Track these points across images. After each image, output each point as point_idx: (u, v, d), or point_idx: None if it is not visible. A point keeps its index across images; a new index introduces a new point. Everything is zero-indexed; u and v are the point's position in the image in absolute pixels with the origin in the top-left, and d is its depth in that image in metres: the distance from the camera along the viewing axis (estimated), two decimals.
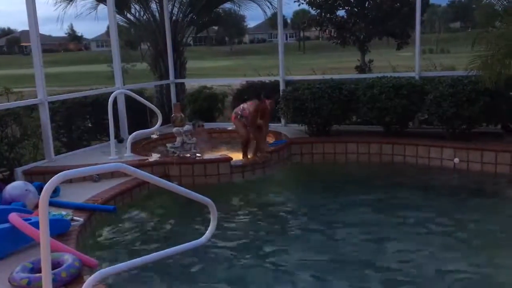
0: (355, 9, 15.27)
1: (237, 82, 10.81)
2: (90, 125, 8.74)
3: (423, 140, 7.10)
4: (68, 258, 3.51)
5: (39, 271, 3.00)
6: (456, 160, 6.58)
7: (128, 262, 3.33)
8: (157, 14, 10.57)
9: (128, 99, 7.99)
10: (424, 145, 6.91)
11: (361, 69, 14.64)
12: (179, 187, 3.63)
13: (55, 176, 2.67)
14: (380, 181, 6.54)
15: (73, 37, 79.69)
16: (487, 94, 6.45)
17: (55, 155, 6.92)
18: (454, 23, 71.72)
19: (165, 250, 3.52)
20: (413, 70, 7.97)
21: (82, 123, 8.59)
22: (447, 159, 6.67)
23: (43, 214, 2.65)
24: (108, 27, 8.18)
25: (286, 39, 68.51)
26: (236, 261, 4.45)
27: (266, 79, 10.03)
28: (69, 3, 10.64)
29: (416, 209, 5.51)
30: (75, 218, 4.58)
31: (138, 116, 8.65)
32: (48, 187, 2.65)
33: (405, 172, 6.79)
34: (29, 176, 6.13)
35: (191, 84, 11.60)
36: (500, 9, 7.45)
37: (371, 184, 6.44)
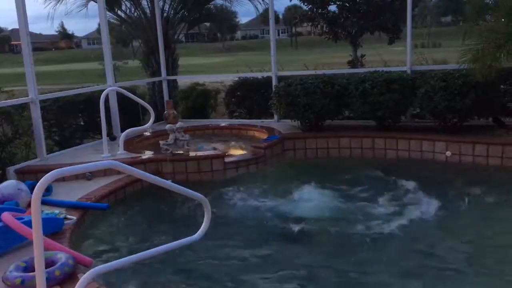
0: (347, 4, 15.25)
1: (229, 78, 10.81)
2: (82, 123, 8.72)
3: (416, 134, 7.14)
4: (61, 256, 3.50)
5: (33, 270, 2.99)
6: (448, 153, 6.62)
7: (122, 259, 3.33)
8: (148, 11, 10.54)
9: (120, 96, 7.96)
10: (417, 138, 6.94)
11: (353, 64, 14.65)
12: (172, 184, 3.63)
13: (47, 174, 2.66)
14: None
15: (64, 35, 79.10)
16: (478, 87, 6.49)
17: (47, 153, 6.90)
18: (445, 17, 71.91)
19: (159, 247, 3.52)
20: (405, 64, 8.01)
21: (74, 121, 8.56)
22: (439, 153, 6.71)
23: (36, 213, 2.64)
24: (99, 25, 8.13)
25: (278, 35, 68.41)
26: (229, 257, 4.46)
27: (259, 75, 10.04)
28: (59, 1, 10.59)
29: None
30: (68, 216, 4.57)
31: (131, 113, 8.63)
32: (41, 185, 2.63)
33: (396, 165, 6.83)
34: (21, 175, 6.10)
35: (184, 80, 11.58)
36: (490, 2, 7.49)
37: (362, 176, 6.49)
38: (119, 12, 10.93)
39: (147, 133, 8.04)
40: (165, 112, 7.53)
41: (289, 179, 6.60)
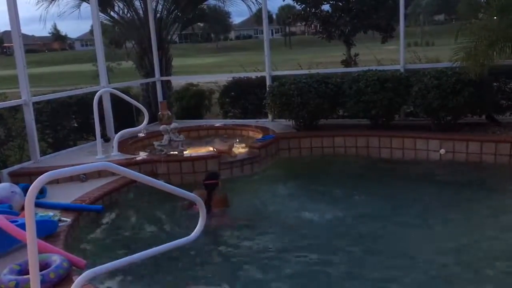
0: (340, 3, 15.28)
1: (223, 78, 10.80)
2: (76, 125, 8.67)
3: (409, 132, 7.15)
4: (56, 259, 3.49)
5: (27, 273, 2.97)
6: (442, 151, 6.64)
7: (117, 261, 3.31)
8: (141, 12, 10.50)
9: (114, 98, 7.93)
10: (410, 137, 6.96)
11: (347, 63, 14.66)
12: (166, 184, 3.61)
13: (40, 176, 2.64)
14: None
15: (57, 36, 78.72)
16: (471, 85, 6.51)
17: (41, 156, 6.86)
18: (438, 16, 72.24)
19: (154, 248, 3.50)
20: (398, 63, 8.03)
21: (67, 123, 8.52)
22: (433, 150, 6.73)
23: (29, 215, 2.62)
24: (92, 26, 8.10)
25: (272, 34, 68.46)
26: (226, 257, 4.46)
27: (253, 74, 10.04)
28: (51, 2, 10.54)
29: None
30: (62, 218, 4.55)
31: (125, 114, 8.60)
32: (34, 187, 2.62)
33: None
34: (15, 177, 6.06)
35: (178, 81, 11.56)
36: (482, 0, 7.52)
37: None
38: (112, 13, 10.90)
39: (141, 134, 8.01)
40: (159, 113, 7.52)
41: (282, 179, 6.62)
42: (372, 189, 5.96)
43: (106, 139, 7.70)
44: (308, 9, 15.75)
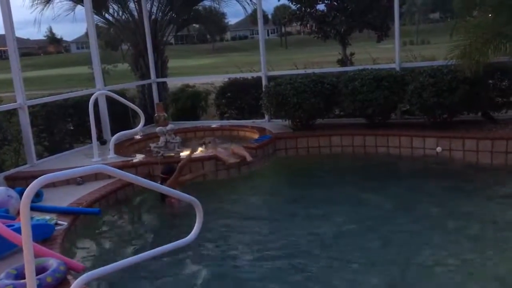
0: (335, 3, 15.29)
1: (219, 79, 10.79)
2: (72, 127, 8.65)
3: (406, 130, 7.17)
4: (53, 263, 3.48)
5: (24, 277, 2.96)
6: (439, 149, 6.65)
7: (115, 264, 3.31)
8: (136, 14, 10.48)
9: (110, 100, 7.92)
10: (407, 135, 6.97)
11: (342, 62, 14.67)
12: (163, 186, 3.62)
13: (36, 180, 2.64)
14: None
15: (52, 39, 78.53)
16: (466, 83, 6.53)
17: (37, 159, 6.85)
18: (433, 14, 72.38)
19: (152, 250, 3.51)
20: (394, 61, 8.03)
21: (63, 126, 8.49)
22: (430, 149, 6.73)
23: (25, 219, 2.62)
24: (87, 28, 8.08)
25: (268, 35, 68.58)
26: (224, 258, 4.45)
27: (249, 75, 10.04)
28: (45, 5, 10.50)
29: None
30: (59, 222, 4.54)
31: (121, 117, 8.59)
32: (29, 191, 2.61)
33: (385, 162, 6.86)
34: (11, 181, 6.05)
35: (174, 83, 11.55)
36: None
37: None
38: (106, 15, 10.86)
39: (138, 136, 8.00)
40: (155, 115, 7.51)
41: (279, 179, 6.62)
42: (370, 189, 5.93)
43: (102, 141, 7.68)
44: (303, 9, 15.75)
